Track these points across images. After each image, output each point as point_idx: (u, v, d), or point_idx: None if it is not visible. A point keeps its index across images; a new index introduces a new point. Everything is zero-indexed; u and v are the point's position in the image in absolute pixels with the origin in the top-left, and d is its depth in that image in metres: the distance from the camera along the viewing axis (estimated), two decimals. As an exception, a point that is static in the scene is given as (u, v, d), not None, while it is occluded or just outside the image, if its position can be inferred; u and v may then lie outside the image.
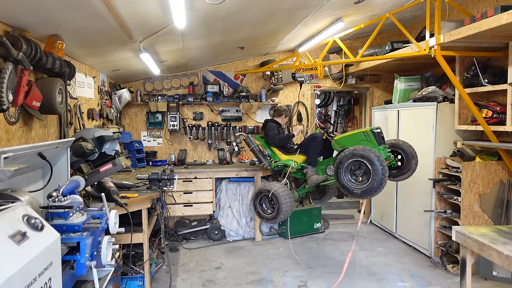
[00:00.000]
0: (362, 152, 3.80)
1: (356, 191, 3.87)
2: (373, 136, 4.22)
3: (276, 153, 5.01)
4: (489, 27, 3.41)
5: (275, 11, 3.99)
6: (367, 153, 3.77)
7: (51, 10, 2.71)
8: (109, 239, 2.21)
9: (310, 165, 4.66)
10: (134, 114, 6.57)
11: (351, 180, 3.94)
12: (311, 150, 4.65)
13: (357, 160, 3.84)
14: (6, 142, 2.68)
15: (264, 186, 4.62)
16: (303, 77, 5.32)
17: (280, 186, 4.50)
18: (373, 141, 4.21)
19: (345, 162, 3.91)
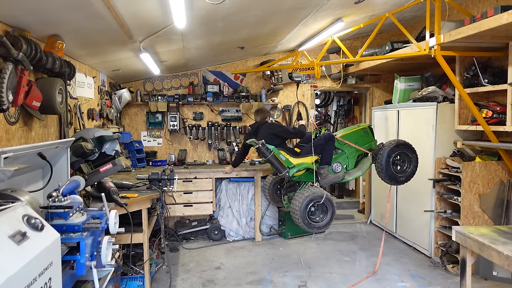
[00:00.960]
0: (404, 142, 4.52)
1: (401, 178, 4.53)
2: (370, 131, 4.80)
3: (287, 157, 4.55)
4: (489, 27, 3.41)
5: (275, 11, 3.99)
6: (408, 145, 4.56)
7: (51, 10, 2.71)
8: (109, 239, 2.21)
9: (327, 164, 4.51)
10: (134, 114, 6.57)
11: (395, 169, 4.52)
12: (328, 150, 4.50)
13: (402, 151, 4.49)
14: (6, 142, 2.68)
15: (312, 192, 4.24)
16: (300, 77, 5.26)
17: (323, 191, 4.32)
18: (370, 135, 4.78)
19: (392, 154, 4.43)
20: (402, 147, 4.42)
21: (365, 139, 4.73)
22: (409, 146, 4.47)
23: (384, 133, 6.13)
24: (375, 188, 6.52)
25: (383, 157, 4.37)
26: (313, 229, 4.35)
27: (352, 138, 4.69)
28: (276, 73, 6.51)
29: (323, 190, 4.31)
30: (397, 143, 4.41)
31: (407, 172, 4.48)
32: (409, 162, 4.49)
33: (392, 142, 4.43)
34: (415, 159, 4.48)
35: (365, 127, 4.76)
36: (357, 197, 8.22)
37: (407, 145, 4.47)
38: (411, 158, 4.47)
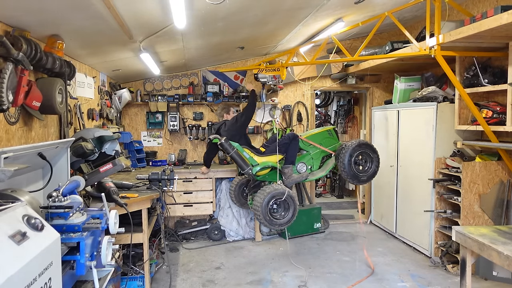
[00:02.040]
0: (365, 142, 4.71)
1: (363, 177, 4.69)
2: (335, 134, 4.98)
3: (253, 157, 4.65)
4: (489, 27, 3.41)
5: (275, 11, 3.99)
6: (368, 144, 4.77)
7: (51, 10, 2.71)
8: (109, 239, 2.21)
9: (291, 164, 4.65)
10: (134, 114, 6.57)
11: (357, 168, 4.71)
12: (292, 149, 4.63)
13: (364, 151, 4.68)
14: (6, 142, 2.68)
15: (274, 189, 4.36)
16: (265, 78, 5.12)
17: (285, 188, 4.44)
18: (335, 138, 4.99)
19: (354, 153, 4.61)
20: (364, 147, 4.60)
21: (330, 141, 4.91)
22: (370, 146, 4.68)
23: (384, 133, 6.13)
24: (375, 188, 6.52)
25: (345, 157, 4.53)
26: (274, 226, 4.41)
27: (317, 139, 4.86)
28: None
29: (285, 187, 4.39)
30: (359, 143, 4.59)
31: (368, 172, 4.69)
32: (371, 162, 4.70)
33: (354, 142, 4.60)
34: (376, 159, 4.69)
35: (329, 129, 4.95)
36: (357, 197, 8.22)
37: (368, 145, 4.68)
38: (373, 158, 4.67)
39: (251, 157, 4.57)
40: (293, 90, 6.84)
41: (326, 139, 4.87)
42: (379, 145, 6.29)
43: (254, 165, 4.53)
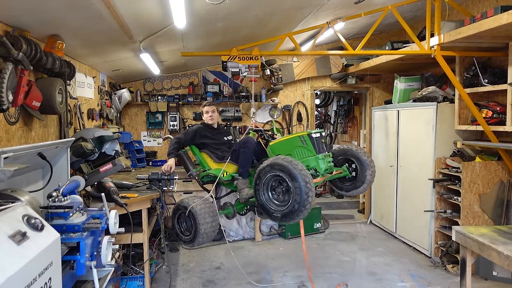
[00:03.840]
0: (282, 163, 3.12)
1: (276, 214, 3.22)
2: (310, 142, 3.50)
3: (207, 161, 4.10)
4: (489, 27, 3.41)
5: (275, 11, 4.00)
6: (287, 165, 3.09)
7: (51, 10, 2.71)
8: (109, 239, 2.21)
9: (241, 176, 3.81)
10: (134, 114, 6.57)
11: (271, 199, 3.29)
12: (242, 158, 3.80)
13: (277, 175, 3.16)
14: (6, 142, 2.68)
15: (182, 201, 3.77)
16: (238, 68, 4.19)
17: (201, 202, 3.69)
18: (311, 148, 3.49)
19: (264, 176, 3.25)
20: (277, 168, 3.14)
21: (303, 151, 3.57)
22: (287, 169, 3.09)
23: (384, 133, 6.13)
24: (375, 188, 6.52)
25: (254, 178, 3.37)
26: (180, 241, 4.01)
27: (285, 148, 3.67)
28: (276, 73, 6.51)
29: (194, 202, 3.66)
30: (271, 162, 3.19)
31: (284, 207, 3.16)
32: (289, 193, 3.13)
33: (268, 160, 3.31)
34: (297, 191, 3.05)
35: (303, 135, 3.58)
36: (357, 197, 8.22)
37: (285, 167, 3.10)
38: (291, 188, 3.09)
39: (204, 161, 4.08)
40: (293, 90, 6.84)
41: (299, 148, 3.57)
42: (379, 145, 6.30)
43: (206, 169, 4.02)
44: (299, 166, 3.08)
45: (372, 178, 3.75)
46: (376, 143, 6.47)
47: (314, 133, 3.51)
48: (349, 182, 3.84)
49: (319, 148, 3.47)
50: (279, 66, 6.62)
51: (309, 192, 3.04)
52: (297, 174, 3.04)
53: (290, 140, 3.64)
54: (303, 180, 3.02)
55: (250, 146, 3.79)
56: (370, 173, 3.73)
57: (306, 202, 3.06)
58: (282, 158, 3.17)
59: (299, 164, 3.10)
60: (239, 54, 4.12)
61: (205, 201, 3.77)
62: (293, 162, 3.11)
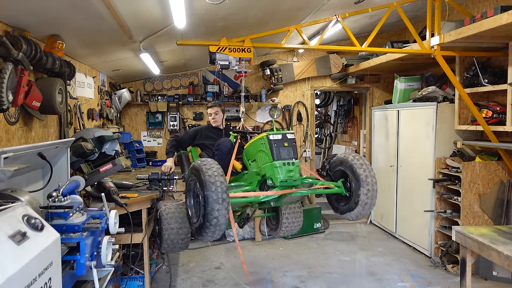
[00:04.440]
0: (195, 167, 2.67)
1: (192, 227, 2.79)
2: (268, 146, 2.86)
3: None
4: (489, 27, 3.41)
5: (275, 11, 3.99)
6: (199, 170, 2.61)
7: (51, 10, 2.71)
8: (109, 239, 2.21)
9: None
10: (134, 114, 6.57)
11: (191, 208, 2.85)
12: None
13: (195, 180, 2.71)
14: (6, 142, 2.68)
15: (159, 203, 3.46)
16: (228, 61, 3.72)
17: (171, 206, 3.32)
18: (268, 153, 2.86)
19: (187, 181, 2.87)
20: (193, 172, 2.72)
21: (263, 157, 2.94)
22: (197, 174, 2.61)
23: (384, 133, 6.13)
24: (375, 188, 6.51)
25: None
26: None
27: (252, 152, 3.11)
28: (276, 73, 6.51)
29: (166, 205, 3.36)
30: (191, 165, 2.79)
31: (196, 220, 2.72)
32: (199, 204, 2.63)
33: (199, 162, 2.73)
34: (203, 202, 2.53)
35: (262, 137, 2.96)
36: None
37: (196, 170, 2.64)
38: (199, 196, 2.60)
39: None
40: (293, 90, 6.84)
41: (260, 153, 2.96)
42: (379, 145, 6.30)
43: None
44: (210, 171, 2.55)
45: (369, 199, 3.03)
46: (376, 143, 6.47)
47: (273, 134, 2.88)
48: (344, 202, 3.21)
49: (278, 153, 2.82)
50: (279, 66, 6.62)
51: (215, 205, 2.45)
52: (205, 180, 2.51)
53: (254, 143, 3.07)
54: (209, 189, 2.48)
55: (223, 148, 3.31)
56: (365, 192, 2.97)
57: (211, 217, 2.46)
58: (200, 161, 2.70)
59: (213, 169, 2.57)
60: (229, 45, 3.66)
61: (178, 205, 3.33)
62: (206, 165, 2.61)
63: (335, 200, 3.31)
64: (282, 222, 3.87)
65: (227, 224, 2.58)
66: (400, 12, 4.33)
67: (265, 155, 2.90)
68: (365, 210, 3.07)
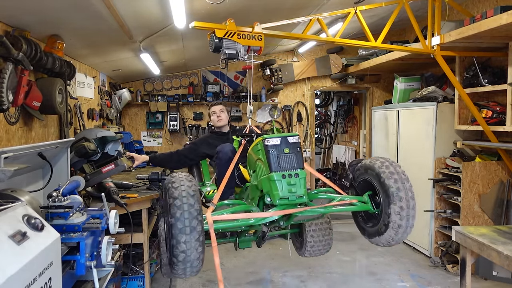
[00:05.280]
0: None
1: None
2: (264, 152, 2.30)
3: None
4: (489, 28, 3.41)
5: (275, 11, 4.00)
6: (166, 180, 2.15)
7: (51, 10, 2.71)
8: (109, 239, 2.21)
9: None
10: (134, 114, 6.57)
11: None
12: (217, 174, 2.95)
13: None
14: (6, 142, 2.69)
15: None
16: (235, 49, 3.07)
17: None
18: (265, 162, 2.31)
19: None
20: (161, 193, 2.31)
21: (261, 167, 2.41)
22: (167, 194, 2.12)
23: (384, 133, 6.13)
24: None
25: None
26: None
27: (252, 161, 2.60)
28: (276, 73, 6.52)
29: None
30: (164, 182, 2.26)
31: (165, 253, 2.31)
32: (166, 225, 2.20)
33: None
34: (167, 230, 2.16)
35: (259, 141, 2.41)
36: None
37: (164, 189, 2.22)
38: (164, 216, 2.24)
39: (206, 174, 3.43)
40: (293, 90, 6.85)
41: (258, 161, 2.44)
42: (379, 145, 6.30)
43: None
44: (177, 191, 2.05)
45: (403, 220, 2.27)
46: (376, 143, 6.47)
47: (270, 138, 2.30)
48: (373, 222, 2.53)
49: (276, 162, 2.25)
50: (279, 66, 6.62)
51: (180, 235, 1.97)
52: (169, 204, 2.05)
53: (253, 150, 2.55)
54: (173, 215, 2.01)
55: (221, 157, 2.80)
56: (397, 210, 2.25)
57: (177, 251, 2.01)
58: (171, 177, 2.19)
59: (181, 188, 2.06)
60: (238, 30, 3.04)
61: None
62: (174, 183, 2.09)
63: (363, 219, 2.66)
64: (306, 241, 3.30)
65: (202, 258, 2.14)
66: (407, 9, 4.27)
67: (263, 165, 2.34)
68: (398, 235, 2.33)
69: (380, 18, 4.97)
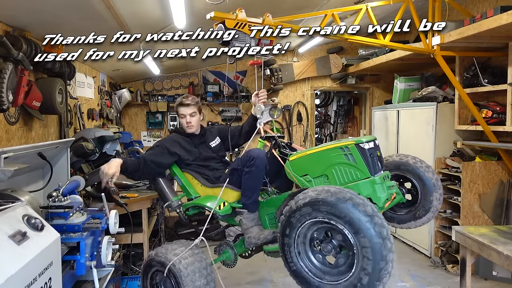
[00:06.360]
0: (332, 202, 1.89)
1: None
2: (360, 157, 2.23)
3: (193, 185, 2.82)
4: (489, 28, 3.41)
5: (275, 11, 3.99)
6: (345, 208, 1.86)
7: (51, 10, 2.71)
8: (109, 239, 2.21)
9: (247, 209, 2.61)
10: (134, 114, 6.57)
11: (314, 262, 2.05)
12: (247, 183, 2.54)
13: (325, 222, 1.93)
14: (6, 142, 2.69)
15: (157, 252, 2.53)
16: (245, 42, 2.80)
17: (187, 254, 2.59)
18: (361, 166, 2.23)
19: (299, 223, 2.00)
20: (325, 211, 1.91)
21: (348, 172, 2.28)
22: (339, 212, 1.88)
23: (384, 133, 6.13)
24: (375, 188, 6.51)
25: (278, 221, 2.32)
26: None
27: (315, 166, 2.39)
28: (276, 73, 6.52)
29: (176, 256, 2.51)
30: (312, 201, 1.94)
31: (342, 278, 1.94)
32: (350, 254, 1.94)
33: (306, 193, 2.00)
34: (365, 252, 1.88)
35: (347, 146, 2.28)
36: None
37: (334, 206, 1.89)
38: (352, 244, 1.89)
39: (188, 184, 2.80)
40: (293, 90, 6.85)
41: (341, 166, 2.29)
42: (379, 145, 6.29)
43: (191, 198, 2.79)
44: (365, 207, 1.87)
45: (439, 203, 2.66)
46: (376, 143, 6.46)
47: (364, 142, 2.26)
48: (405, 210, 2.75)
49: (374, 166, 2.24)
50: (279, 66, 6.62)
51: (388, 254, 1.90)
52: (362, 220, 1.83)
53: (325, 154, 2.34)
54: (376, 233, 1.85)
55: (260, 165, 2.46)
56: (438, 196, 2.63)
57: (384, 273, 1.87)
58: (327, 191, 1.93)
59: (365, 202, 1.89)
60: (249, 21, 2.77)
61: (193, 251, 2.63)
62: (353, 197, 1.89)
63: (390, 209, 2.76)
64: None
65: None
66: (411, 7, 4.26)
67: (354, 169, 2.24)
68: (433, 215, 2.73)
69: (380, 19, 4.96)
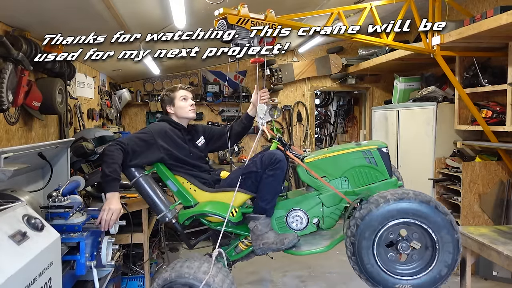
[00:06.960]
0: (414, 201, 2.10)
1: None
2: (382, 160, 2.38)
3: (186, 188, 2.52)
4: (489, 28, 3.41)
5: (276, 11, 3.99)
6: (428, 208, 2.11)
7: (51, 10, 2.71)
8: (109, 239, 2.21)
9: (265, 214, 2.52)
10: (134, 114, 6.57)
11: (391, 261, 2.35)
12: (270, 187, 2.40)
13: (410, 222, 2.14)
14: (6, 142, 2.69)
15: (179, 274, 2.19)
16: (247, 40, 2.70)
17: (215, 273, 2.29)
18: (382, 169, 2.38)
19: (380, 225, 2.17)
20: (412, 213, 2.11)
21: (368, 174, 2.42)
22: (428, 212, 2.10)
23: (384, 133, 6.13)
24: (375, 188, 6.52)
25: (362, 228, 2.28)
26: None
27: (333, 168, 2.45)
28: (276, 73, 6.52)
29: (204, 274, 2.20)
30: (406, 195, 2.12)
31: (422, 272, 2.31)
32: (431, 250, 2.26)
33: (383, 196, 2.15)
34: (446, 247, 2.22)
35: (369, 150, 2.40)
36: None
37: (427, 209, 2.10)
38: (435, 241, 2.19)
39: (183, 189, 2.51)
40: (293, 90, 6.85)
41: (361, 169, 2.41)
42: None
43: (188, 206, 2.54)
44: (443, 208, 2.16)
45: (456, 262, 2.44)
46: (376, 143, 6.47)
47: (385, 147, 2.42)
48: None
49: (389, 168, 2.43)
50: (279, 66, 6.63)
51: (461, 246, 2.26)
52: (443, 218, 2.13)
53: (345, 157, 2.40)
54: (455, 229, 2.19)
55: (284, 167, 2.38)
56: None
57: (457, 263, 2.37)
58: (415, 194, 2.12)
59: (438, 203, 2.17)
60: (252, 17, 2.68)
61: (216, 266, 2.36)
62: (432, 199, 2.19)
63: None
64: None
65: None
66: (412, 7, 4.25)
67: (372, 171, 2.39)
68: None
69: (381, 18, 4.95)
